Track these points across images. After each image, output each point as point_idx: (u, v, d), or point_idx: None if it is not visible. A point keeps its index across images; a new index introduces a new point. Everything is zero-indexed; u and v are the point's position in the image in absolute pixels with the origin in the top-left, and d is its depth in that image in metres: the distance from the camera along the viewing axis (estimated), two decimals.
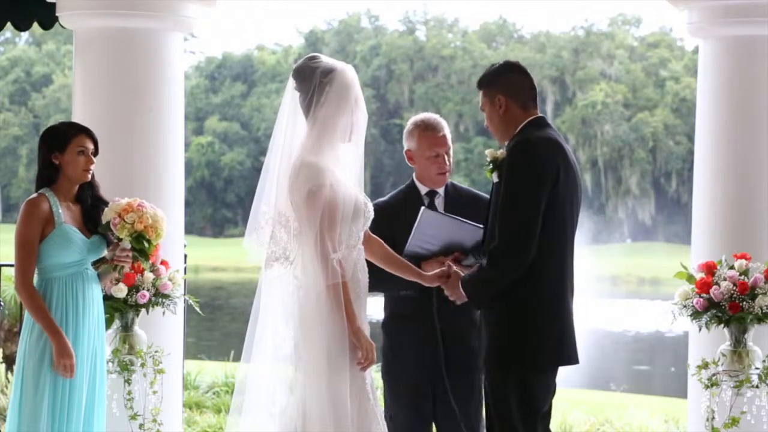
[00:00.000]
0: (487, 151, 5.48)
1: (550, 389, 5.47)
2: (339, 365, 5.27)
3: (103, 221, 5.93)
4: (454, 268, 5.65)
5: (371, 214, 5.44)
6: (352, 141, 5.41)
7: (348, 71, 5.39)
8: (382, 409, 5.61)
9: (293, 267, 5.37)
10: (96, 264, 5.99)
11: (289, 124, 5.42)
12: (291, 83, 5.44)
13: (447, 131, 6.20)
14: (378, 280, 5.68)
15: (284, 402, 5.36)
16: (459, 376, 6.09)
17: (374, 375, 5.56)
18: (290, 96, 5.44)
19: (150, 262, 6.13)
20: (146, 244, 5.92)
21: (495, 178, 5.43)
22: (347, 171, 5.42)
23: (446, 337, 6.06)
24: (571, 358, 5.46)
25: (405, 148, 6.22)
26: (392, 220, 6.01)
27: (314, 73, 5.35)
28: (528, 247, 5.25)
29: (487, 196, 6.08)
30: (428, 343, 6.03)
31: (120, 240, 5.92)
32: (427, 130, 6.16)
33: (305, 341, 5.30)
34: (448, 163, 6.17)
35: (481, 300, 5.48)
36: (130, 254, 5.96)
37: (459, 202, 6.16)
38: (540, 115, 5.49)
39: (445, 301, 5.85)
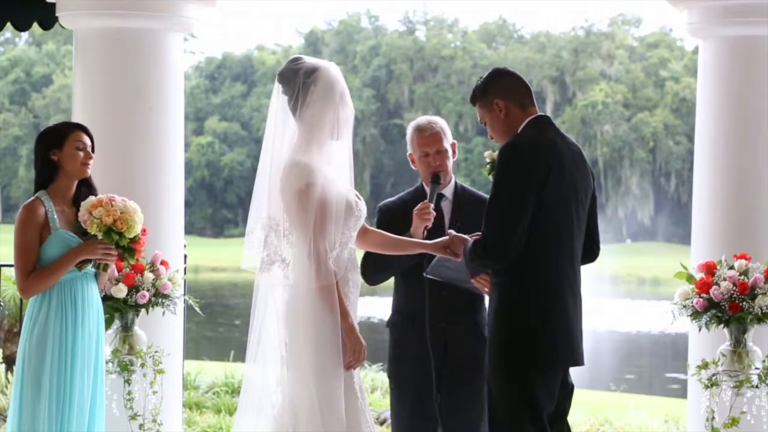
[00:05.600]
0: (486, 153, 5.54)
1: (553, 391, 5.40)
2: (329, 365, 5.25)
3: (79, 220, 5.91)
4: (454, 233, 5.66)
5: (363, 213, 5.44)
6: (341, 138, 5.41)
7: (331, 69, 5.39)
8: (371, 408, 5.60)
9: (286, 268, 5.37)
10: (80, 265, 5.91)
11: (278, 128, 5.41)
12: (277, 88, 5.43)
13: (441, 130, 6.16)
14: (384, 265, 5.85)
15: (279, 402, 5.36)
16: (460, 377, 6.09)
17: (373, 375, 5.55)
18: (277, 100, 5.43)
19: (135, 258, 6.04)
20: (117, 237, 5.86)
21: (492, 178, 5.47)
22: (338, 170, 5.41)
23: (447, 338, 6.07)
24: (568, 361, 5.41)
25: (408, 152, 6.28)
26: (395, 223, 6.01)
27: (297, 74, 5.35)
28: (507, 244, 5.23)
29: None
30: (426, 343, 6.02)
31: (94, 237, 5.87)
32: (416, 131, 6.20)
33: (294, 341, 5.30)
34: (439, 162, 6.13)
35: (473, 271, 5.63)
36: (113, 252, 5.92)
37: (463, 204, 6.17)
38: (540, 113, 5.49)
39: (442, 303, 5.91)
